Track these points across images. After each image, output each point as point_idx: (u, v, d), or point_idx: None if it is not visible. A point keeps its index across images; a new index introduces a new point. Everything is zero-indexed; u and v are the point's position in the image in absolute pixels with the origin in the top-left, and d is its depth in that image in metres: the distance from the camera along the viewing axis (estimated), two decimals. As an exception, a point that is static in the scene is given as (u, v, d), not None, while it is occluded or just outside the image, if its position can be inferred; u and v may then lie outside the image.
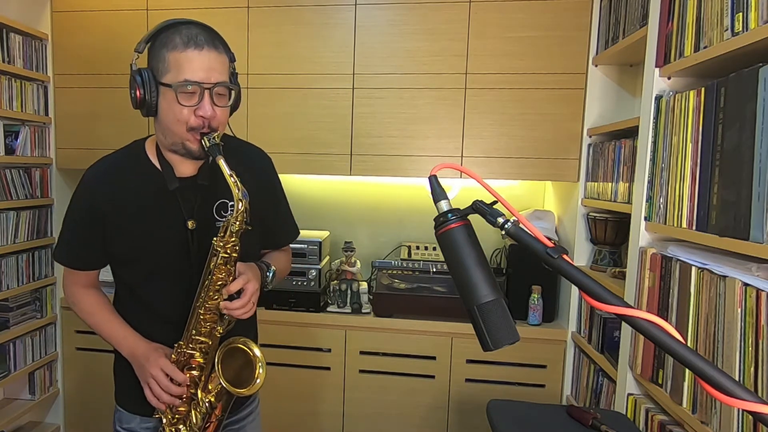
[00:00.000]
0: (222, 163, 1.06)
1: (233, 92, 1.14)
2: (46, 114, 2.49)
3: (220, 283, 1.11)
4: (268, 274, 1.25)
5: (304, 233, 2.49)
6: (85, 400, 2.57)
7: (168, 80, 1.07)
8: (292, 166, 2.34)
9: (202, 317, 1.13)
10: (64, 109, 2.48)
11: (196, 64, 1.05)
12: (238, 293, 1.12)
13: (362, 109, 2.27)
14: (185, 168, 1.18)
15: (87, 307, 1.26)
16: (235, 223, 1.08)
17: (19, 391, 2.54)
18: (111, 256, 1.22)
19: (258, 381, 1.16)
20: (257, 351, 1.19)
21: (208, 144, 1.07)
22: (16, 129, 2.36)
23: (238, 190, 1.06)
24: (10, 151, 2.33)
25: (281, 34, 2.29)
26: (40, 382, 2.52)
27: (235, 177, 1.06)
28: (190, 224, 1.16)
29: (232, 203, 1.21)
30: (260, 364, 1.17)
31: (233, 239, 1.09)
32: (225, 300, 1.11)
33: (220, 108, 1.10)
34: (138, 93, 1.09)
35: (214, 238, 1.10)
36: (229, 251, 1.09)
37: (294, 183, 2.72)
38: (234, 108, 1.18)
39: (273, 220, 1.33)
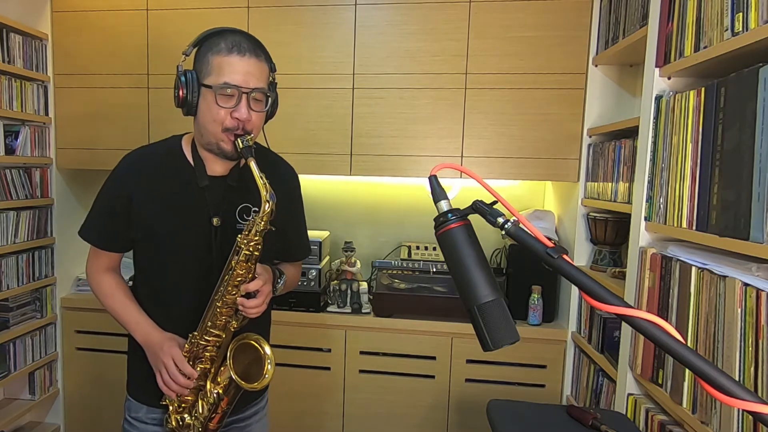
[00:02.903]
0: (253, 164, 1.11)
1: (270, 99, 1.19)
2: (46, 114, 2.49)
3: (239, 279, 1.15)
4: (279, 280, 1.29)
5: (304, 233, 2.50)
6: (85, 400, 2.57)
7: (209, 82, 1.12)
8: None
9: (218, 310, 1.17)
10: (64, 109, 2.48)
11: (236, 68, 1.11)
12: (255, 292, 1.16)
13: (362, 109, 2.27)
14: (217, 167, 1.24)
15: (106, 289, 1.30)
16: (260, 222, 1.12)
17: (19, 391, 2.54)
18: (135, 240, 1.26)
19: (267, 377, 1.20)
20: (267, 349, 1.23)
21: (241, 145, 1.12)
22: (16, 129, 2.36)
23: (266, 191, 1.11)
24: (10, 151, 2.33)
25: (281, 34, 2.29)
26: (40, 382, 2.51)
27: (264, 179, 1.11)
28: (215, 221, 1.21)
29: (254, 208, 1.26)
30: (269, 361, 1.21)
31: (257, 238, 1.13)
32: (242, 297, 1.15)
33: (256, 112, 1.15)
34: (181, 92, 1.15)
35: (239, 236, 1.14)
36: (251, 249, 1.13)
37: (294, 183, 2.71)
38: (270, 115, 1.24)
39: (291, 236, 1.39)
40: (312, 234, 2.49)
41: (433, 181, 0.74)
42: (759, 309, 1.03)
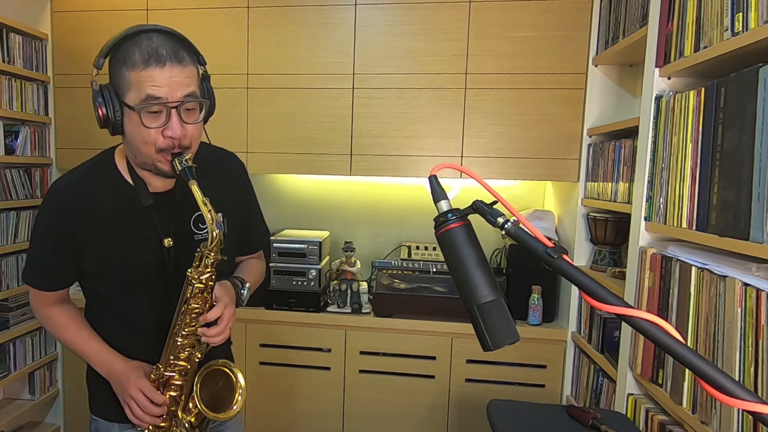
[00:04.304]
0: (195, 188, 1.01)
1: (204, 106, 1.05)
2: (46, 114, 2.49)
3: (197, 311, 1.08)
4: (242, 291, 1.22)
5: (304, 233, 2.51)
6: (85, 400, 2.55)
7: (130, 101, 0.99)
8: (292, 166, 2.34)
9: (179, 344, 1.11)
10: (64, 109, 2.48)
11: (157, 81, 0.97)
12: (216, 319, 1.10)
13: (362, 109, 2.27)
14: (160, 183, 1.13)
15: (58, 322, 1.21)
16: (209, 254, 1.05)
17: (19, 391, 2.54)
18: (83, 272, 1.18)
19: (235, 407, 1.14)
20: (241, 378, 1.16)
21: (179, 167, 1.01)
22: (16, 129, 2.36)
23: (212, 220, 1.02)
24: (10, 151, 2.33)
25: (281, 34, 2.29)
26: (40, 382, 2.51)
27: (209, 204, 1.01)
28: (166, 242, 1.12)
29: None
30: (240, 391, 1.15)
31: (209, 270, 1.06)
32: (202, 326, 1.09)
33: (191, 125, 1.02)
34: (101, 112, 1.02)
35: (189, 270, 1.06)
36: (204, 281, 1.06)
37: (294, 183, 2.72)
38: (210, 113, 1.11)
39: (251, 226, 1.32)
40: (312, 234, 2.50)
41: (433, 181, 0.74)
42: (759, 309, 1.03)
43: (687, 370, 1.29)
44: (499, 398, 1.57)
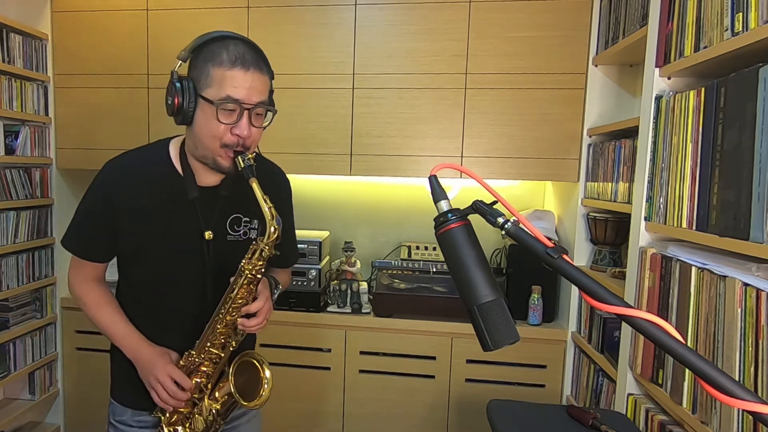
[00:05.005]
0: (256, 185, 1.07)
1: (271, 114, 1.14)
2: (46, 114, 2.49)
3: (241, 301, 1.13)
4: (275, 291, 1.28)
5: (304, 233, 2.50)
6: (85, 400, 2.57)
7: (209, 95, 1.06)
8: (292, 166, 2.34)
9: (219, 331, 1.15)
10: (64, 109, 2.48)
11: (239, 83, 1.05)
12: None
13: (362, 109, 2.27)
14: (208, 177, 1.18)
15: (91, 301, 1.25)
16: (265, 248, 1.10)
17: (19, 391, 2.54)
18: (120, 252, 1.22)
19: (263, 395, 1.19)
20: (268, 372, 1.21)
21: (242, 164, 1.07)
22: (16, 129, 2.36)
23: (272, 216, 1.08)
24: (10, 151, 2.33)
25: (281, 34, 2.29)
26: (40, 382, 2.52)
27: (268, 201, 1.07)
28: (207, 235, 1.17)
29: (245, 219, 1.23)
30: (266, 382, 1.20)
31: (261, 263, 1.11)
32: (242, 317, 1.14)
33: (256, 128, 1.10)
34: (176, 100, 1.08)
35: (243, 261, 1.11)
36: (254, 273, 1.11)
37: (294, 183, 2.70)
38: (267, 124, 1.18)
39: (288, 242, 1.35)
40: (312, 234, 2.50)
41: (433, 181, 0.74)
42: (759, 309, 1.03)
43: (687, 370, 1.29)
44: (499, 398, 1.57)
